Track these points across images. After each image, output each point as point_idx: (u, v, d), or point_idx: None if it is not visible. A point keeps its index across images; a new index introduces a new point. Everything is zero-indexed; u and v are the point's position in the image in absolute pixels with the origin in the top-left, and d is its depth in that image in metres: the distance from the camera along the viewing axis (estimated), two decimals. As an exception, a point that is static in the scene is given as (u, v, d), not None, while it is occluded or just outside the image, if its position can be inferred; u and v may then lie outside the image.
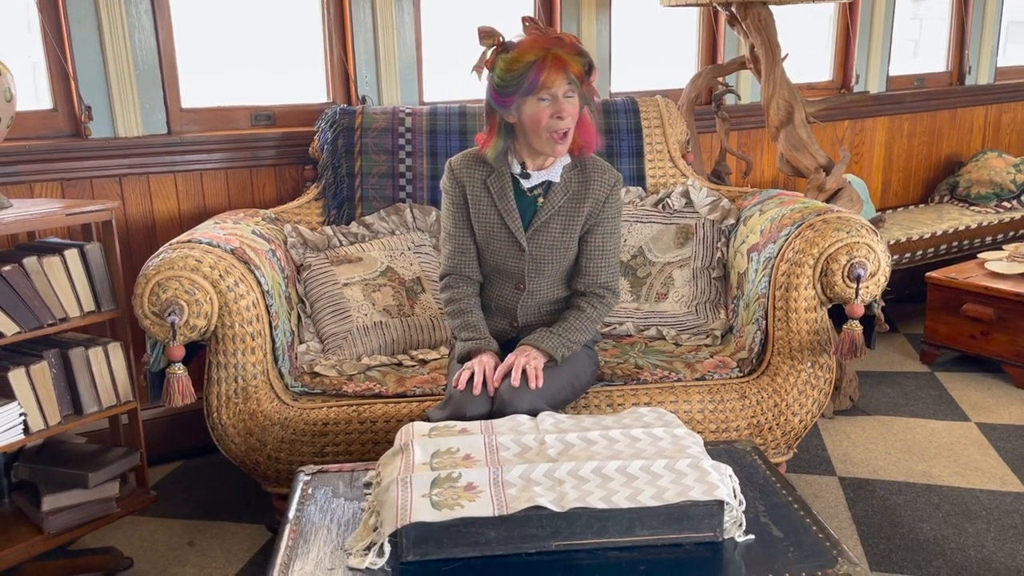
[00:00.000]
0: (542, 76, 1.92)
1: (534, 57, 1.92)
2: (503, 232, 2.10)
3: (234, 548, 2.41)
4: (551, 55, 1.92)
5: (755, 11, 3.11)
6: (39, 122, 2.67)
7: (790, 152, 3.17)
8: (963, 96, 4.89)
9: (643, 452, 1.66)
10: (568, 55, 1.93)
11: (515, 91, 1.95)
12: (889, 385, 3.42)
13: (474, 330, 2.09)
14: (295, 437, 2.19)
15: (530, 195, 2.10)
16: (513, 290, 2.14)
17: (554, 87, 1.93)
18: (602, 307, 2.13)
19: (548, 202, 2.08)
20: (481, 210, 2.11)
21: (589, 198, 2.08)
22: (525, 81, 1.92)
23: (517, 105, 1.98)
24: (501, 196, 2.08)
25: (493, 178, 2.09)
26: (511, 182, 2.09)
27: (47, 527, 2.08)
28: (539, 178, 2.08)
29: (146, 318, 2.07)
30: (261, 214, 2.68)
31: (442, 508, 1.50)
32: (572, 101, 1.97)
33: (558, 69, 1.92)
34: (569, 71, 1.93)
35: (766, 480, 1.78)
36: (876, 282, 2.21)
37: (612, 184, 2.10)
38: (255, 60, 3.20)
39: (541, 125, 1.97)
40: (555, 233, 2.09)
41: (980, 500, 2.55)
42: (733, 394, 2.27)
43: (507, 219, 2.08)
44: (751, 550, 1.54)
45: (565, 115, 1.96)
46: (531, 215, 2.09)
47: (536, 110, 1.96)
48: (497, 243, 2.11)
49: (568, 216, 2.08)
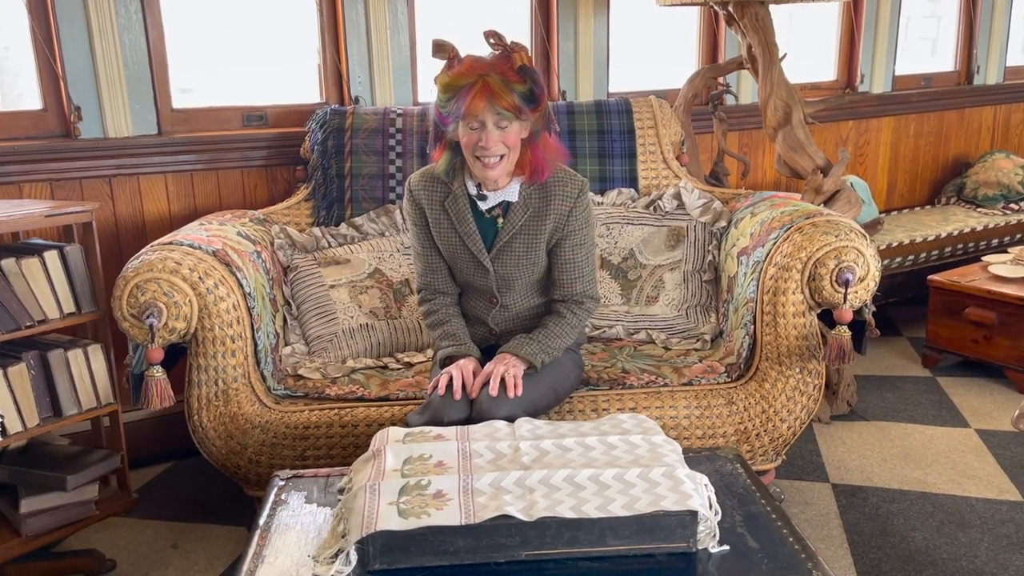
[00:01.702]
0: (466, 103, 1.86)
1: (465, 83, 1.87)
2: (466, 253, 2.06)
3: (217, 551, 2.40)
4: (483, 82, 1.85)
5: (752, 10, 3.06)
6: (28, 122, 2.67)
7: (788, 153, 3.12)
8: (971, 96, 4.81)
9: (618, 460, 1.63)
10: (501, 85, 1.86)
11: (449, 113, 1.91)
12: (889, 390, 3.37)
13: (454, 337, 2.06)
14: (276, 440, 2.17)
15: (489, 216, 2.05)
16: (487, 303, 2.12)
17: (480, 115, 1.87)
18: (582, 312, 2.09)
19: (508, 222, 2.03)
20: (442, 232, 2.06)
21: (551, 214, 2.02)
22: (455, 105, 1.88)
23: (455, 127, 1.93)
24: (460, 219, 2.03)
25: (450, 200, 2.04)
26: (468, 204, 2.03)
27: (25, 529, 2.07)
28: (496, 199, 2.02)
29: (125, 320, 2.06)
30: (249, 215, 2.66)
31: (408, 516, 1.48)
32: (507, 130, 1.90)
33: (484, 98, 1.85)
34: (497, 103, 1.86)
35: (746, 489, 1.74)
36: (865, 287, 2.17)
37: (575, 195, 2.02)
38: (248, 60, 3.18)
39: (469, 151, 1.93)
40: (519, 252, 2.04)
41: (975, 509, 2.50)
42: (720, 400, 2.24)
43: (468, 242, 2.04)
44: (725, 561, 1.51)
45: (489, 144, 1.89)
46: (492, 236, 2.04)
47: (466, 135, 1.91)
48: (463, 263, 2.08)
49: (530, 234, 2.03)
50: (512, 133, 1.92)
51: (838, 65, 4.36)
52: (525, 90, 1.90)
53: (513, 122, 1.91)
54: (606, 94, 3.55)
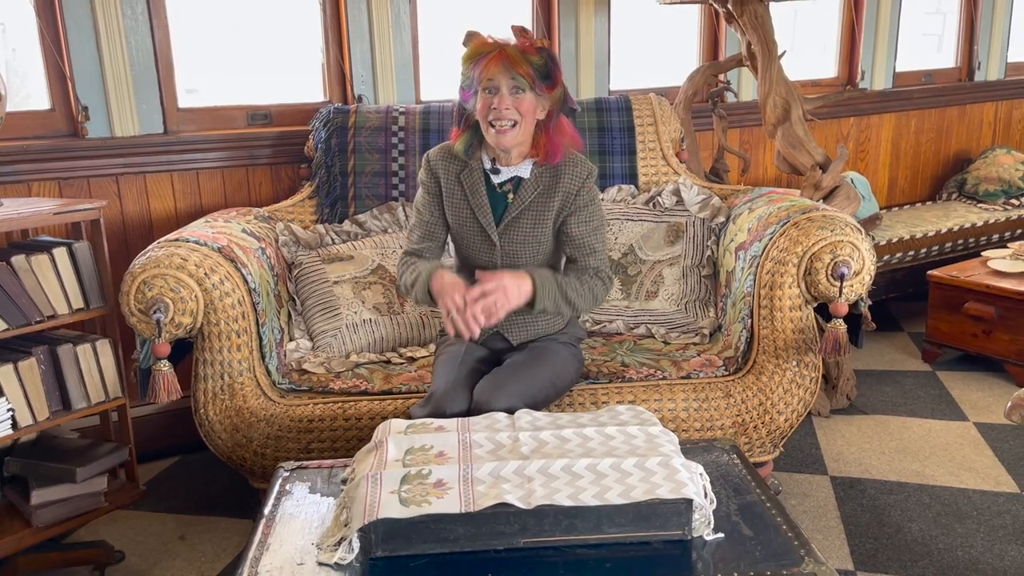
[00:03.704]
0: (482, 67, 1.96)
1: (485, 51, 1.97)
2: (475, 226, 2.12)
3: (224, 543, 2.44)
4: (500, 50, 1.96)
5: (751, 8, 3.09)
6: (36, 122, 2.71)
7: (787, 150, 3.15)
8: (973, 92, 4.83)
9: (615, 450, 1.66)
10: (517, 53, 1.96)
11: (470, 84, 2.00)
12: (889, 384, 3.39)
13: (416, 269, 2.07)
14: (281, 433, 2.21)
15: (500, 191, 2.12)
16: None
17: (495, 78, 1.96)
18: (598, 283, 2.10)
19: (518, 198, 2.10)
20: (454, 203, 2.14)
21: (560, 192, 2.09)
22: (473, 72, 1.98)
23: (475, 101, 2.02)
24: (473, 191, 2.11)
25: (466, 173, 2.12)
26: (483, 178, 2.11)
27: (35, 520, 2.11)
28: (508, 174, 2.10)
29: (132, 315, 2.10)
30: (254, 212, 2.70)
31: (410, 504, 1.51)
32: (521, 98, 1.98)
33: (499, 62, 1.95)
34: (512, 68, 1.95)
35: (741, 479, 1.77)
36: (860, 281, 2.20)
37: (584, 176, 2.10)
38: (252, 60, 3.22)
39: (483, 117, 2.01)
40: (526, 228, 2.10)
41: (972, 500, 2.52)
42: (718, 392, 2.27)
43: (478, 214, 2.10)
44: (719, 548, 1.54)
45: (502, 107, 1.96)
46: (502, 210, 2.11)
47: (481, 100, 2.00)
48: (470, 236, 2.13)
49: (539, 211, 2.09)
50: (526, 101, 1.99)
51: (839, 62, 4.38)
52: (541, 63, 1.98)
53: (527, 91, 1.98)
54: (607, 92, 3.58)
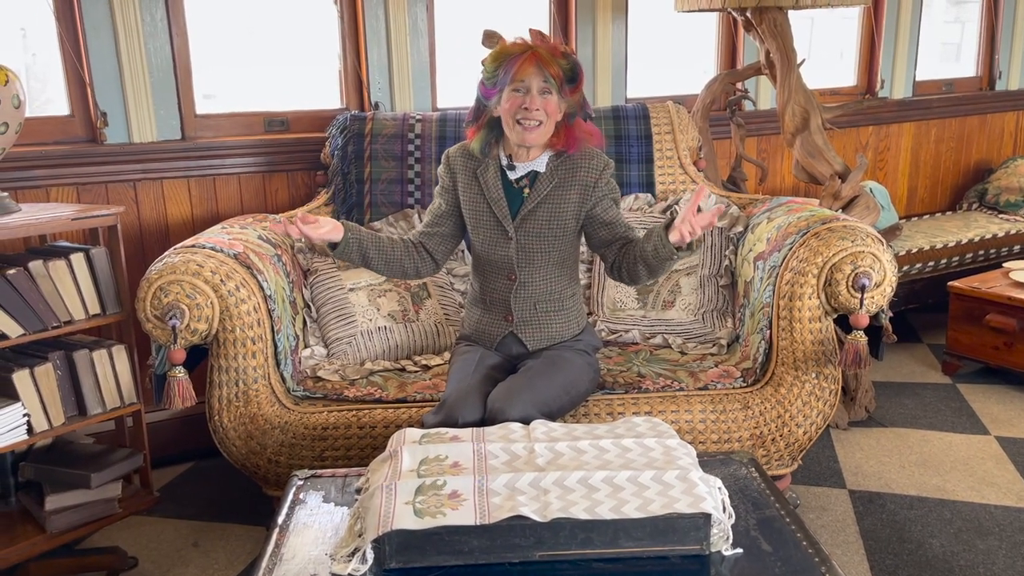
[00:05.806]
0: (516, 66, 2.00)
1: (516, 51, 2.02)
2: (491, 220, 2.14)
3: (237, 550, 2.43)
4: (532, 51, 2.01)
5: (770, 16, 3.07)
6: (56, 127, 2.72)
7: (806, 159, 3.12)
8: (994, 101, 4.78)
9: (632, 463, 1.64)
10: (549, 55, 2.01)
11: (496, 83, 2.03)
12: (908, 396, 3.35)
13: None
14: (295, 441, 2.20)
15: (517, 186, 2.14)
16: (505, 281, 2.15)
17: (527, 79, 2.00)
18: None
19: (535, 191, 2.12)
20: (470, 198, 2.16)
21: (576, 184, 2.11)
22: (504, 72, 2.01)
23: (498, 98, 2.05)
24: (489, 186, 2.14)
25: (482, 169, 2.15)
26: (499, 173, 2.14)
27: (50, 526, 2.11)
28: (524, 169, 2.13)
29: (148, 321, 2.10)
30: (270, 219, 2.70)
31: (424, 516, 1.50)
32: (548, 99, 2.02)
33: (533, 63, 2.00)
34: (545, 68, 2.00)
35: (760, 493, 1.75)
36: (881, 292, 2.17)
37: (601, 168, 2.12)
38: (270, 66, 3.23)
39: (510, 115, 2.03)
40: (542, 221, 2.11)
41: (994, 516, 2.48)
42: (736, 404, 2.24)
43: (495, 208, 2.13)
44: (738, 564, 1.51)
45: (532, 107, 2.01)
46: (518, 205, 2.13)
47: (509, 99, 2.03)
48: (486, 231, 2.15)
49: (555, 204, 2.11)
50: (552, 103, 2.03)
51: (858, 70, 4.34)
52: (568, 66, 2.04)
53: (554, 93, 2.03)
54: (624, 99, 3.56)
